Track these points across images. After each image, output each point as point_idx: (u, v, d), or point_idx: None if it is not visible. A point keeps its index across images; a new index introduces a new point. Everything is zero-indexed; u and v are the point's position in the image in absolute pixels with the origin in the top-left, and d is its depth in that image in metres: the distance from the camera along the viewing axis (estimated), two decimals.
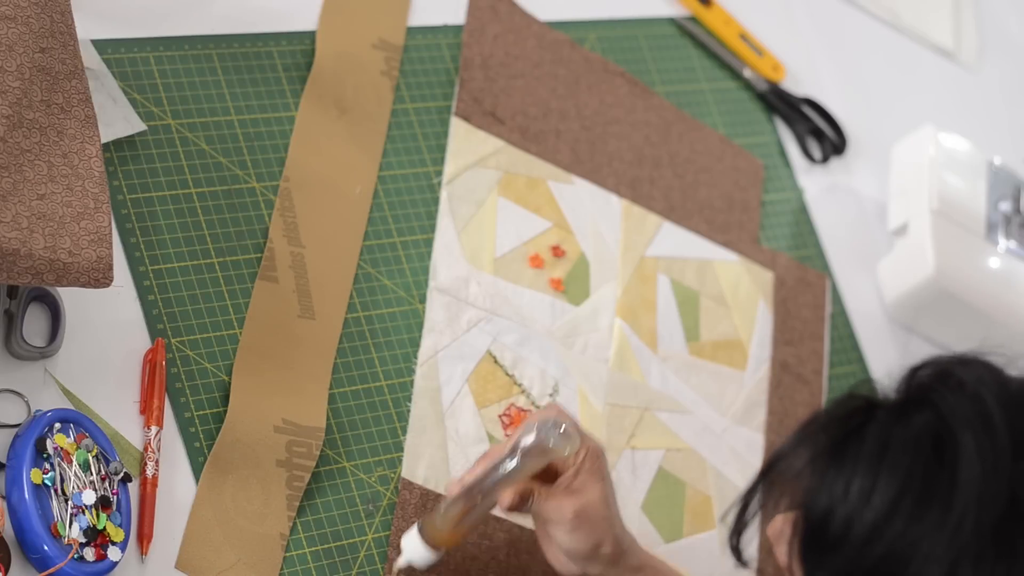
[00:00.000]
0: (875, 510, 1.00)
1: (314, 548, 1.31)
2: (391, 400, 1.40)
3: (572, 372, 1.49)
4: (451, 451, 1.40)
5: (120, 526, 1.22)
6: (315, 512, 1.33)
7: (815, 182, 1.79)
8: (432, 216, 1.50)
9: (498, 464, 1.27)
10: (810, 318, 1.69)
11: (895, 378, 1.07)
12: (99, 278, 1.22)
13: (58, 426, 1.22)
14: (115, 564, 1.20)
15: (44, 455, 1.20)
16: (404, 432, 1.39)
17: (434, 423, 1.41)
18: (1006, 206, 1.76)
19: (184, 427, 1.30)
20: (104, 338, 1.30)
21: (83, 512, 1.20)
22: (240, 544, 1.28)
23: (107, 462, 1.23)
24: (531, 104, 1.60)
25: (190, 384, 1.32)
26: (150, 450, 1.27)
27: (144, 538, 1.24)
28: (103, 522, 1.20)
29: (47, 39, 1.25)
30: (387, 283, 1.45)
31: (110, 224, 1.23)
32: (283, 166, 1.44)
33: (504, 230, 1.53)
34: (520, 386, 1.47)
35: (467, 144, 1.54)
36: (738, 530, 1.12)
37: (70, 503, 1.20)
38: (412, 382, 1.42)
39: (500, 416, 1.44)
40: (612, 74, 1.68)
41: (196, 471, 1.29)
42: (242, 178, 1.42)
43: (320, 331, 1.39)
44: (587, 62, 1.67)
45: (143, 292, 1.33)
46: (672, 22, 1.78)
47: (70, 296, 1.29)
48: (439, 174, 1.52)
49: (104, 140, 1.34)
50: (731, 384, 1.60)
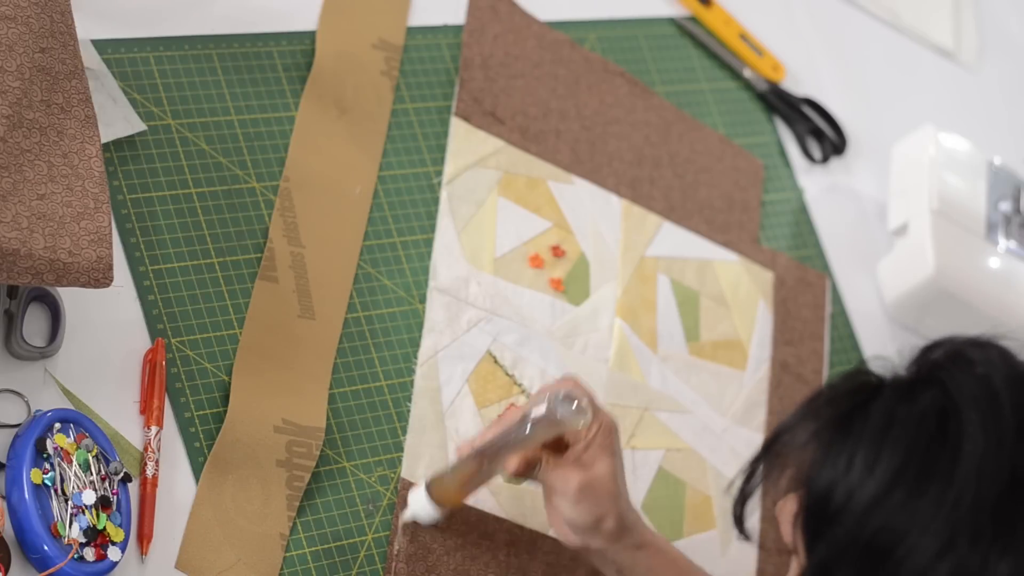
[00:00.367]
0: (877, 482, 1.00)
1: (314, 548, 1.31)
2: (391, 400, 1.40)
3: (572, 372, 1.49)
4: (451, 451, 1.40)
5: (120, 526, 1.22)
6: (315, 512, 1.33)
7: (815, 182, 1.79)
8: (432, 216, 1.50)
9: (509, 430, 1.28)
10: (810, 318, 1.69)
11: (907, 356, 1.07)
12: (99, 278, 1.22)
13: (58, 426, 1.22)
14: (115, 564, 1.20)
15: (44, 455, 1.20)
16: (404, 432, 1.39)
17: (434, 423, 1.41)
18: (1006, 206, 1.76)
19: (184, 427, 1.30)
20: (104, 338, 1.30)
21: (83, 512, 1.20)
22: (240, 544, 1.28)
23: (107, 462, 1.23)
24: (531, 104, 1.60)
25: (190, 384, 1.32)
26: (150, 450, 1.27)
27: (144, 538, 1.24)
28: (103, 522, 1.20)
29: (47, 39, 1.25)
30: (387, 283, 1.45)
31: (110, 224, 1.23)
32: (283, 166, 1.44)
33: (504, 230, 1.53)
34: (520, 386, 1.47)
35: (467, 144, 1.54)
36: (742, 499, 1.12)
37: (70, 503, 1.20)
38: (412, 382, 1.42)
39: (500, 416, 1.44)
40: (612, 74, 1.68)
41: (196, 471, 1.29)
42: (242, 178, 1.42)
43: (320, 331, 1.39)
44: (587, 62, 1.67)
45: (143, 292, 1.33)
46: (672, 22, 1.78)
47: (70, 296, 1.29)
48: (439, 174, 1.52)
49: (104, 140, 1.34)
50: (731, 384, 1.60)
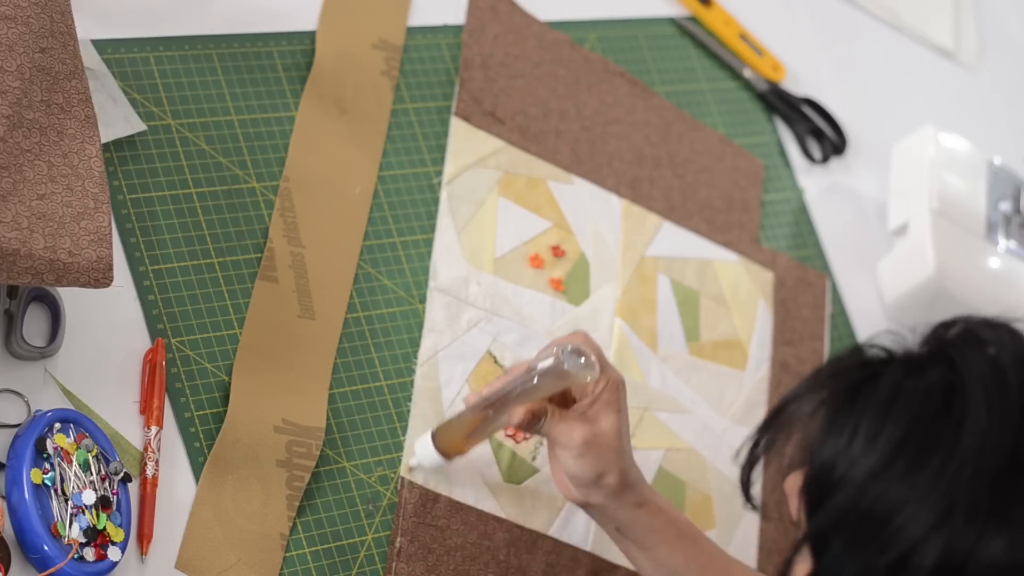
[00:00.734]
0: (878, 453, 1.00)
1: (314, 548, 1.31)
2: (391, 400, 1.40)
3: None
4: None
5: (120, 526, 1.22)
6: (315, 512, 1.33)
7: (815, 182, 1.79)
8: (432, 216, 1.50)
9: (515, 381, 1.29)
10: (810, 318, 1.69)
11: (919, 333, 1.07)
12: (99, 278, 1.22)
13: (58, 426, 1.22)
14: (115, 564, 1.20)
15: (44, 455, 1.20)
16: (404, 432, 1.39)
17: (434, 423, 1.41)
18: (1006, 206, 1.76)
19: (184, 427, 1.30)
20: (104, 338, 1.30)
21: (83, 512, 1.20)
22: (240, 544, 1.28)
23: (107, 462, 1.23)
24: (531, 104, 1.60)
25: (190, 384, 1.32)
26: (150, 450, 1.27)
27: (144, 538, 1.24)
28: (103, 522, 1.20)
29: (47, 39, 1.25)
30: (387, 283, 1.45)
31: (110, 224, 1.23)
32: (283, 166, 1.44)
33: (504, 230, 1.53)
34: None
35: (467, 144, 1.54)
36: (749, 464, 1.12)
37: (70, 503, 1.20)
38: (412, 382, 1.42)
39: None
40: (612, 74, 1.68)
41: (196, 471, 1.29)
42: (242, 178, 1.42)
43: (320, 331, 1.39)
44: (587, 62, 1.67)
45: (143, 292, 1.33)
46: (672, 22, 1.78)
47: (70, 296, 1.29)
48: (439, 174, 1.52)
49: (104, 140, 1.34)
50: (731, 384, 1.60)
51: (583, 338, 1.31)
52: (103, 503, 1.21)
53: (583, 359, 1.27)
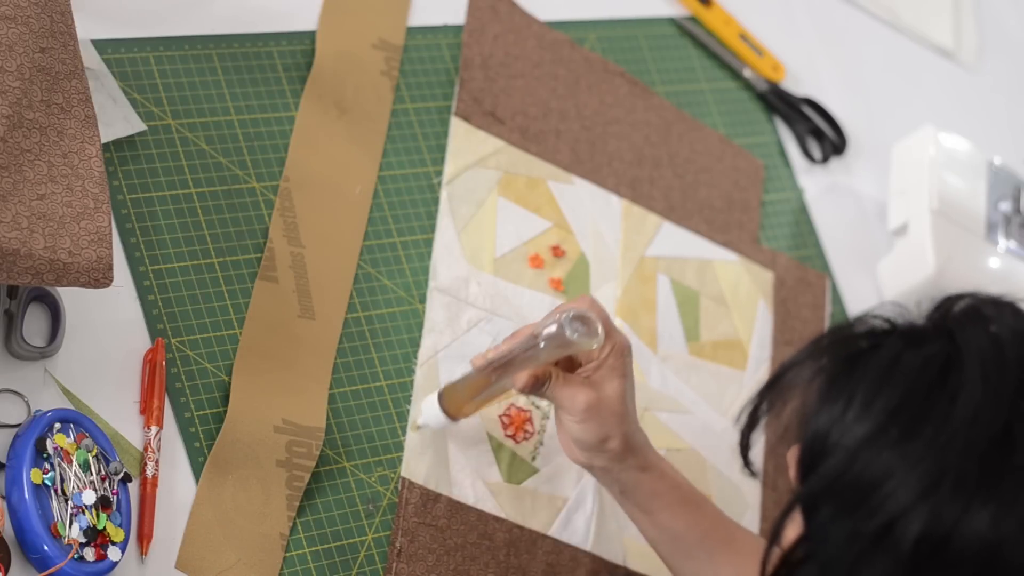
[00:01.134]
0: (872, 420, 1.01)
1: (314, 548, 1.31)
2: (391, 400, 1.40)
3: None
4: (451, 451, 1.40)
5: (120, 526, 1.22)
6: (315, 512, 1.33)
7: (815, 182, 1.79)
8: (432, 216, 1.50)
9: (519, 347, 1.30)
10: (810, 318, 1.69)
11: (924, 307, 1.08)
12: (99, 278, 1.22)
13: (58, 426, 1.22)
14: (115, 564, 1.20)
15: (44, 455, 1.20)
16: (404, 432, 1.39)
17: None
18: (1006, 206, 1.76)
19: (184, 427, 1.30)
20: (104, 338, 1.30)
21: (83, 512, 1.20)
22: (240, 544, 1.28)
23: (107, 462, 1.23)
24: (531, 104, 1.60)
25: (190, 384, 1.32)
26: (150, 450, 1.27)
27: (144, 538, 1.24)
28: (103, 522, 1.20)
29: (47, 39, 1.25)
30: (387, 283, 1.45)
31: (110, 224, 1.23)
32: (283, 166, 1.44)
33: (504, 230, 1.53)
34: None
35: (467, 144, 1.54)
36: (749, 426, 1.12)
37: (70, 503, 1.20)
38: (412, 382, 1.42)
39: (500, 416, 1.44)
40: (612, 74, 1.68)
41: (196, 471, 1.29)
42: (242, 178, 1.42)
43: (320, 331, 1.39)
44: (587, 62, 1.67)
45: (143, 292, 1.33)
46: (672, 22, 1.78)
47: (70, 296, 1.29)
48: (439, 174, 1.52)
49: (104, 140, 1.34)
50: (731, 384, 1.60)
51: (589, 303, 1.31)
52: (103, 503, 1.21)
53: (587, 326, 1.28)
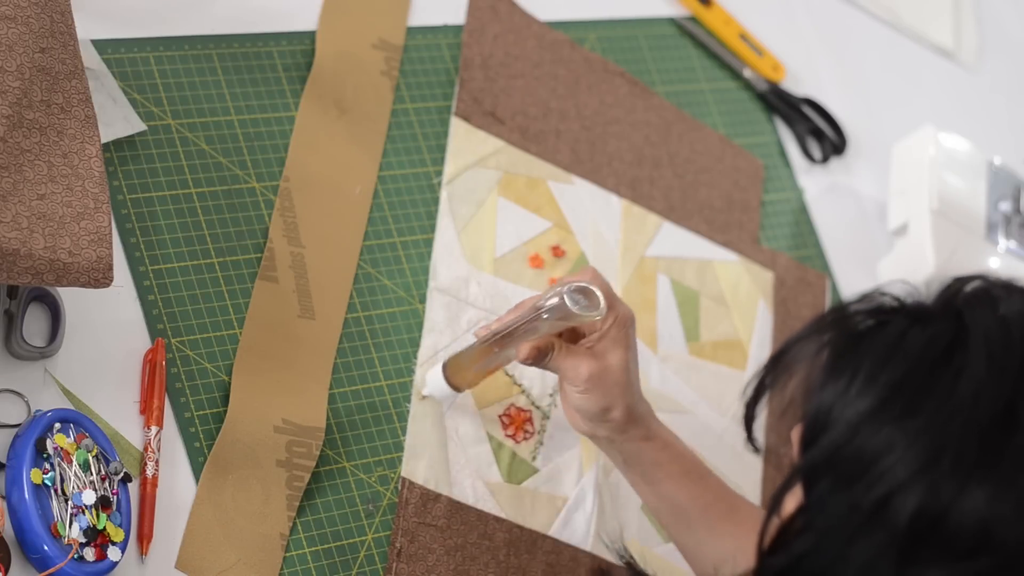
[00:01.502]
0: (875, 394, 1.01)
1: (314, 548, 1.31)
2: (391, 400, 1.40)
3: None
4: (451, 451, 1.40)
5: (120, 526, 1.22)
6: (315, 512, 1.33)
7: (815, 182, 1.79)
8: (432, 216, 1.50)
9: (522, 318, 1.31)
10: (810, 318, 1.68)
11: (934, 287, 1.07)
12: (99, 278, 1.22)
13: (58, 426, 1.22)
14: (115, 564, 1.20)
15: (44, 455, 1.20)
16: (404, 432, 1.39)
17: (434, 423, 1.41)
18: (1006, 206, 1.76)
19: (184, 427, 1.30)
20: (104, 338, 1.30)
21: (83, 512, 1.20)
22: (240, 544, 1.28)
23: (107, 462, 1.23)
24: (531, 104, 1.60)
25: (190, 384, 1.32)
26: (150, 450, 1.27)
27: (144, 538, 1.24)
28: (103, 522, 1.20)
29: (47, 39, 1.25)
30: (387, 283, 1.45)
31: (110, 224, 1.23)
32: (283, 166, 1.44)
33: (504, 230, 1.53)
34: (520, 386, 1.47)
35: (467, 144, 1.54)
36: (754, 399, 1.12)
37: (70, 503, 1.20)
38: (412, 382, 1.42)
39: (500, 416, 1.44)
40: (612, 74, 1.68)
41: (196, 471, 1.29)
42: (242, 178, 1.42)
43: (320, 331, 1.39)
44: (587, 62, 1.67)
45: (143, 292, 1.33)
46: (672, 22, 1.78)
47: (70, 296, 1.29)
48: (439, 174, 1.52)
49: (104, 140, 1.34)
50: (731, 384, 1.60)
51: (592, 275, 1.32)
52: (103, 503, 1.21)
53: (589, 299, 1.29)
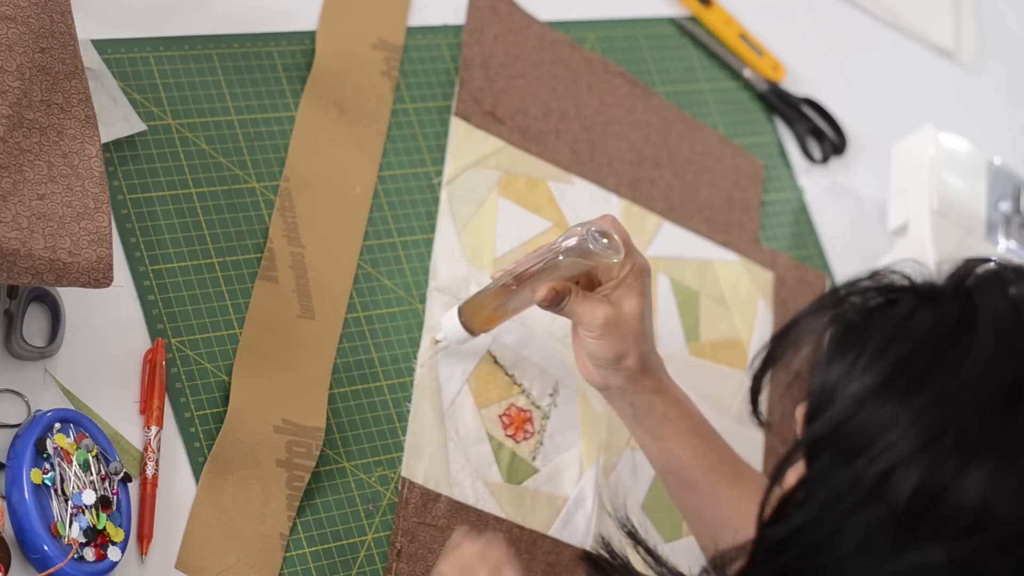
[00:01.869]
0: (881, 369, 1.00)
1: (314, 548, 1.31)
2: (391, 400, 1.40)
3: (572, 372, 1.49)
4: (451, 451, 1.40)
5: (120, 526, 1.22)
6: (315, 512, 1.33)
7: (815, 182, 1.79)
8: (432, 216, 1.50)
9: (540, 258, 1.31)
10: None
11: (944, 268, 1.07)
12: (99, 278, 1.22)
13: (58, 426, 1.22)
14: (115, 564, 1.20)
15: (44, 455, 1.20)
16: (404, 432, 1.39)
17: (434, 423, 1.41)
18: (1006, 206, 1.76)
19: (184, 427, 1.30)
20: (104, 338, 1.30)
21: (83, 512, 1.20)
22: (240, 544, 1.28)
23: (107, 462, 1.23)
24: (531, 104, 1.60)
25: (190, 384, 1.32)
26: (150, 450, 1.27)
27: (144, 538, 1.24)
28: (103, 522, 1.20)
29: (47, 39, 1.25)
30: (387, 283, 1.45)
31: (110, 224, 1.23)
32: (283, 166, 1.44)
33: (504, 230, 1.53)
34: (520, 386, 1.47)
35: (467, 144, 1.54)
36: (760, 373, 1.12)
37: (70, 503, 1.20)
38: (412, 382, 1.42)
39: (500, 416, 1.44)
40: (612, 74, 1.68)
41: (196, 471, 1.29)
42: (242, 178, 1.42)
43: (320, 331, 1.39)
44: (587, 62, 1.67)
45: (143, 292, 1.33)
46: (672, 22, 1.78)
47: (70, 296, 1.29)
48: (439, 174, 1.52)
49: (104, 140, 1.34)
50: (731, 384, 1.60)
51: (611, 221, 1.32)
52: (103, 503, 1.21)
53: (607, 241, 1.29)
